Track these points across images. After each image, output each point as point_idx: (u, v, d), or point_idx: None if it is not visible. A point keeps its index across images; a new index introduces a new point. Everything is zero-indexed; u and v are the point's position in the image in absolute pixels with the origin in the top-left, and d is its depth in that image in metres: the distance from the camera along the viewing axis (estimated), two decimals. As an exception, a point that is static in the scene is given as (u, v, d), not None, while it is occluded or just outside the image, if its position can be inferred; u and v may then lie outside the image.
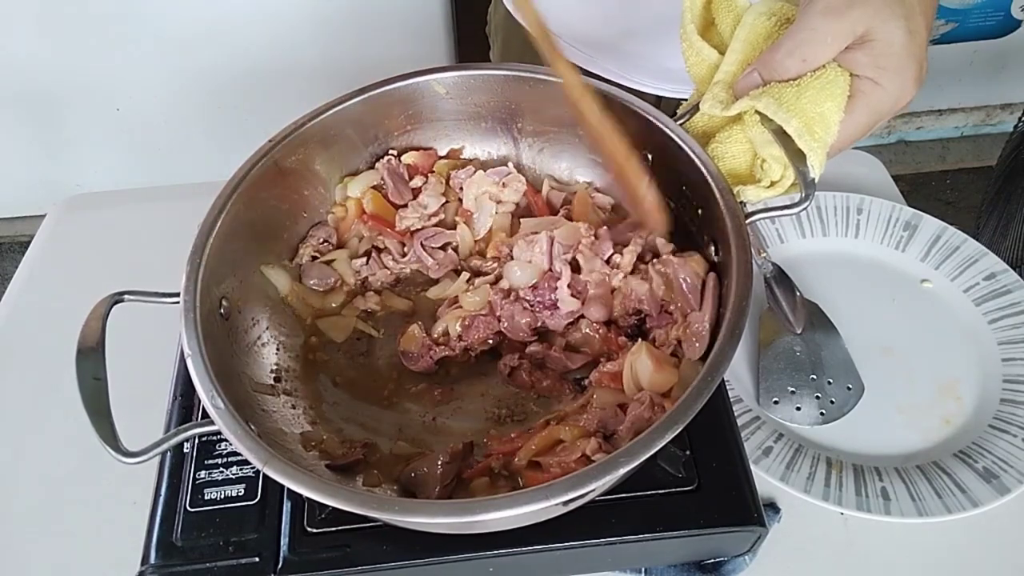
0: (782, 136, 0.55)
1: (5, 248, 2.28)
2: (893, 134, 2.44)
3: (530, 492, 0.47)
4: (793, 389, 0.78)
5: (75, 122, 1.90)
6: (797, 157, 0.55)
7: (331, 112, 0.69)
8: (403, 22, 1.74)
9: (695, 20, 0.63)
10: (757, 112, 0.57)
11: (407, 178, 0.75)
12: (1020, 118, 1.39)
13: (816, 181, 0.55)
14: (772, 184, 0.60)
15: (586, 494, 0.48)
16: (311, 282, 0.71)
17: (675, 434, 0.48)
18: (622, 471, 0.47)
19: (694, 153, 0.62)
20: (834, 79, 0.54)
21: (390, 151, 0.75)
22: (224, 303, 0.62)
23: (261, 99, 1.83)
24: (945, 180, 2.38)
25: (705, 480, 0.59)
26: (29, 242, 0.98)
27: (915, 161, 2.43)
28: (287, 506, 0.59)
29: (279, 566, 0.56)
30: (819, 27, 0.52)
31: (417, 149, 0.76)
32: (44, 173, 2.04)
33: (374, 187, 0.74)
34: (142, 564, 0.56)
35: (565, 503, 0.48)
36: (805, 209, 0.55)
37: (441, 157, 0.77)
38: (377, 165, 0.74)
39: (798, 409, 0.76)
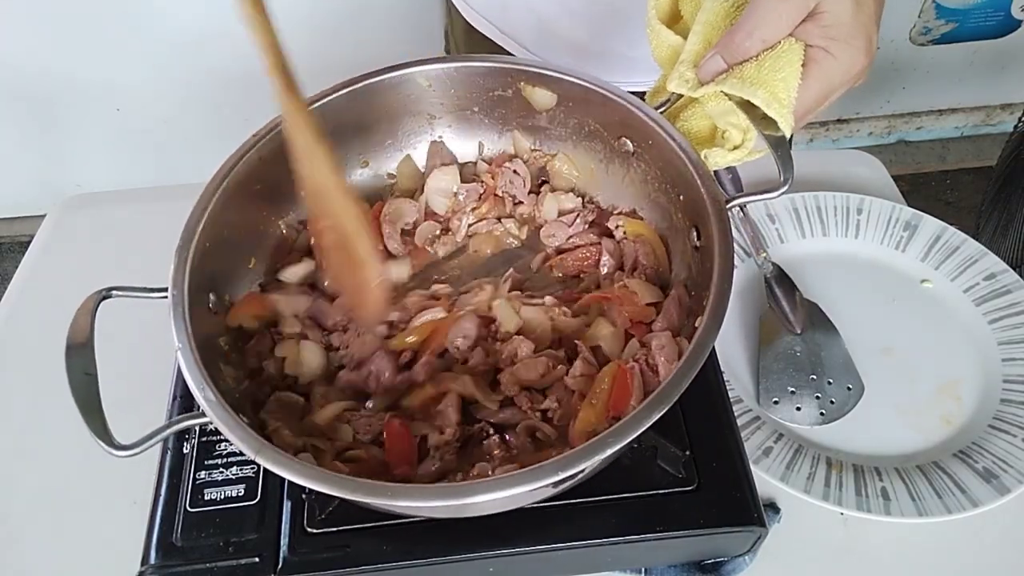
0: (747, 107, 0.58)
1: (5, 248, 2.28)
2: (893, 134, 2.44)
3: (519, 474, 0.47)
4: (793, 389, 0.78)
5: (75, 122, 1.90)
6: (766, 124, 0.57)
7: (314, 106, 0.69)
8: (401, 22, 1.74)
9: (657, 7, 0.66)
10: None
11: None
12: (1020, 118, 1.39)
13: (790, 140, 0.57)
14: (735, 148, 0.63)
15: (576, 475, 0.48)
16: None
17: (661, 413, 0.48)
18: (609, 451, 0.47)
19: (675, 141, 0.63)
20: (788, 48, 0.57)
21: None
22: (212, 297, 0.61)
23: (261, 99, 1.81)
24: (945, 180, 2.38)
25: (705, 480, 0.59)
26: (29, 242, 0.98)
27: (915, 161, 2.43)
28: (287, 506, 0.59)
29: (279, 566, 0.56)
30: (773, 7, 0.55)
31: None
32: (44, 173, 2.04)
33: None
34: (142, 564, 0.56)
35: (555, 484, 0.48)
36: (786, 192, 0.57)
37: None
38: None
39: (798, 409, 0.76)
